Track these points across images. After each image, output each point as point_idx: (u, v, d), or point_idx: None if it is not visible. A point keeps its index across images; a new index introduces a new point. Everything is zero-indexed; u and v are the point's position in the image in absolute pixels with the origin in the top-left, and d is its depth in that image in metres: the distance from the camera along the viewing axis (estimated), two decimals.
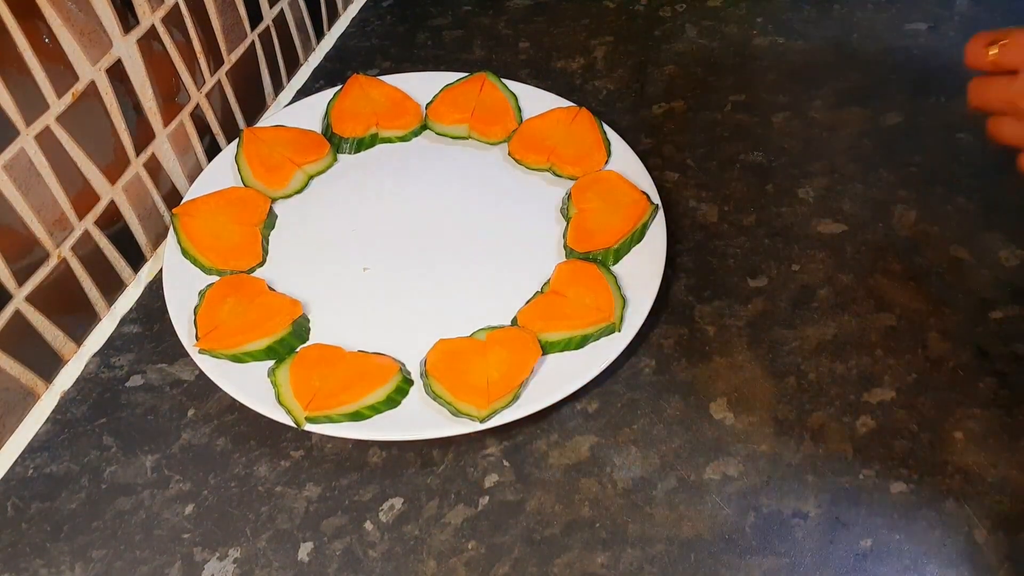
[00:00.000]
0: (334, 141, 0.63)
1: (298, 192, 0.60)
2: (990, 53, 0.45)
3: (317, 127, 0.64)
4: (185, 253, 0.54)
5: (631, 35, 0.75)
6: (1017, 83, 0.43)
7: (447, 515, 0.46)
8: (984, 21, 0.75)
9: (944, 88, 0.68)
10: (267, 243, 0.57)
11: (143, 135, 0.55)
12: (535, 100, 0.64)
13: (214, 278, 0.53)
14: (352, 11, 0.79)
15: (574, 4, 0.79)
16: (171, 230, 0.55)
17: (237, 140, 0.61)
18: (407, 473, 0.47)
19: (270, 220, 0.58)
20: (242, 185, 0.59)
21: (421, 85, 0.65)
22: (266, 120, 0.64)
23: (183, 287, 0.53)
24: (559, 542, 0.44)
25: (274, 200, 0.59)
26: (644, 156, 0.62)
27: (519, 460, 0.48)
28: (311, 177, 0.61)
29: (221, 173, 0.60)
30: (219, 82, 0.62)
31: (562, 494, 0.46)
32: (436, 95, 0.65)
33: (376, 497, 0.46)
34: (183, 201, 0.57)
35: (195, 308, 0.51)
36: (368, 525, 0.45)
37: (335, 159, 0.62)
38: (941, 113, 0.66)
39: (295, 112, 0.64)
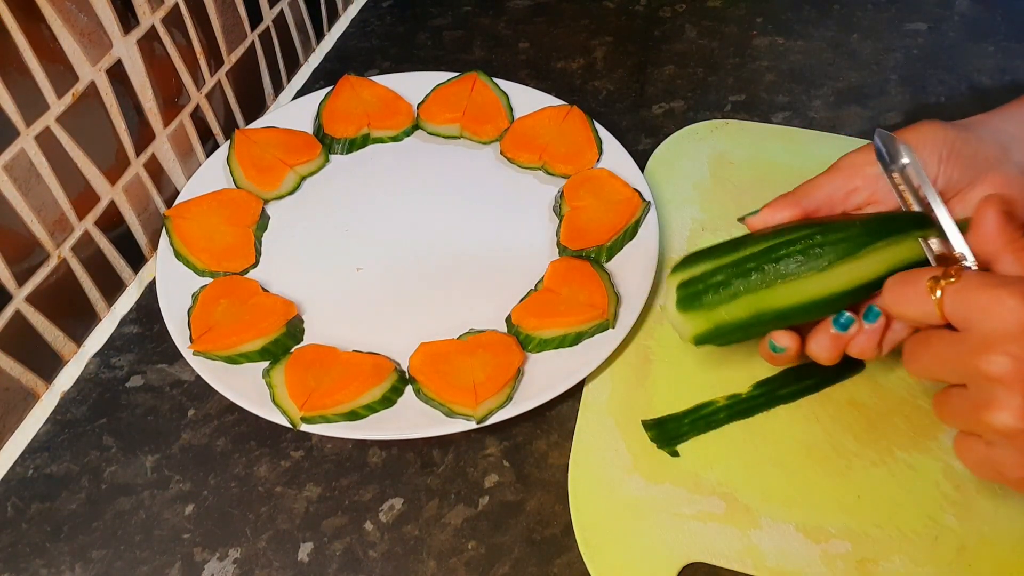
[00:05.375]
0: (326, 142, 0.63)
1: (290, 193, 0.60)
2: (934, 295, 0.35)
3: (309, 128, 0.64)
4: (178, 255, 0.54)
5: (631, 35, 0.75)
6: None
7: (447, 515, 0.46)
8: (984, 21, 0.75)
9: (944, 88, 0.68)
10: (260, 244, 0.57)
11: (143, 136, 0.55)
12: (526, 99, 0.64)
13: (207, 280, 0.53)
14: (352, 11, 0.79)
15: (574, 4, 0.79)
16: (163, 232, 0.55)
17: (229, 142, 0.61)
18: (407, 473, 0.47)
19: (263, 221, 0.57)
20: (234, 187, 0.59)
21: (413, 85, 0.65)
22: (262, 121, 0.64)
23: (176, 289, 0.52)
24: (559, 542, 0.44)
25: (266, 201, 0.59)
26: (644, 156, 0.63)
27: (519, 460, 0.48)
28: (303, 178, 0.61)
29: (213, 175, 0.59)
30: (219, 83, 0.62)
31: (562, 494, 0.46)
32: (427, 95, 0.65)
33: (376, 497, 0.46)
34: (175, 203, 0.57)
35: (189, 310, 0.51)
36: (368, 525, 0.45)
37: (327, 160, 0.62)
38: (941, 114, 0.66)
39: (287, 113, 0.64)
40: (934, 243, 0.40)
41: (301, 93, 0.71)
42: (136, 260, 0.57)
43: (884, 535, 0.43)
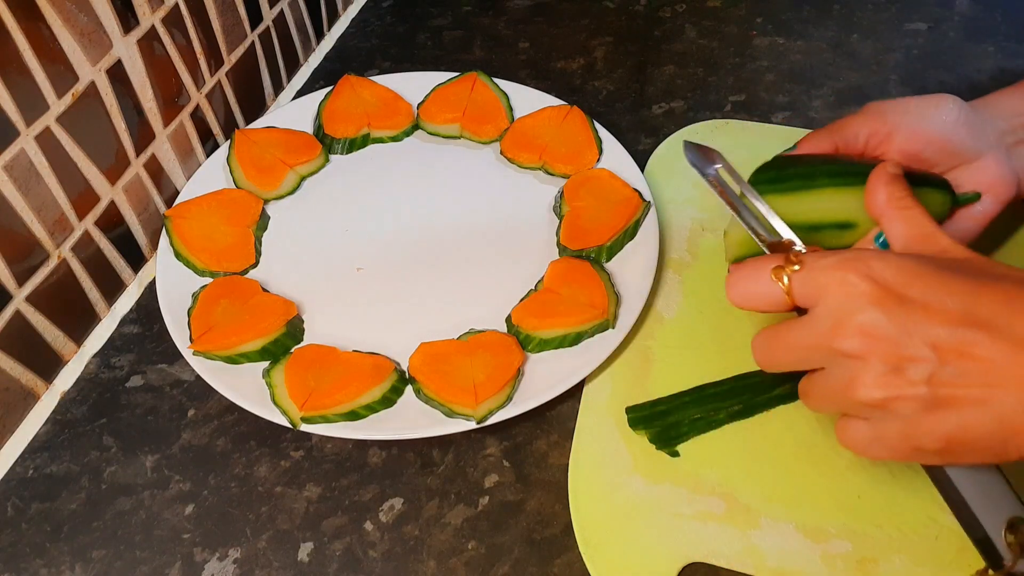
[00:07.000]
0: (326, 142, 0.63)
1: (290, 193, 0.60)
2: (781, 283, 0.36)
3: (309, 128, 0.64)
4: (178, 255, 0.54)
5: (631, 35, 0.75)
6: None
7: (447, 515, 0.46)
8: (984, 21, 0.75)
9: (944, 88, 0.68)
10: (260, 244, 0.57)
11: (143, 136, 0.55)
12: (526, 99, 0.64)
13: (207, 280, 0.53)
14: (352, 11, 0.79)
15: (574, 4, 0.79)
16: (163, 232, 0.55)
17: (229, 142, 0.61)
18: (407, 473, 0.47)
19: (263, 221, 0.57)
20: (234, 187, 0.59)
21: (412, 85, 0.65)
22: (262, 121, 0.64)
23: (177, 289, 0.52)
24: (559, 542, 0.44)
25: (266, 201, 0.59)
26: (644, 156, 0.63)
27: (519, 460, 0.48)
28: (303, 178, 0.61)
29: (213, 175, 0.59)
30: (219, 83, 0.62)
31: (562, 494, 0.46)
32: (427, 95, 0.65)
33: (376, 497, 0.46)
34: (175, 203, 0.57)
35: (189, 310, 0.51)
36: (368, 525, 0.45)
37: (327, 160, 0.62)
38: None
39: (287, 113, 0.64)
40: (762, 234, 0.41)
41: (301, 93, 0.71)
42: (136, 260, 0.57)
43: (884, 535, 0.43)
